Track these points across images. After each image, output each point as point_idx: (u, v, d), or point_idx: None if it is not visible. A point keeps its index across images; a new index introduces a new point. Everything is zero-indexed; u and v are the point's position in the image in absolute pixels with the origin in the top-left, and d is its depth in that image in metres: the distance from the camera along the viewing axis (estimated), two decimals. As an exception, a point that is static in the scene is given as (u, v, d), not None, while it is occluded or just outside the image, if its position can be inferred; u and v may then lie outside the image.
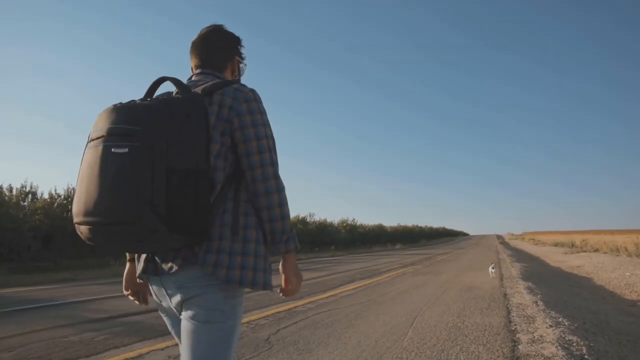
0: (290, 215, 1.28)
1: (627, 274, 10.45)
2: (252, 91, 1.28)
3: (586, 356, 3.17)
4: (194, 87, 1.30)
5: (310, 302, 6.07)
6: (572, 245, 25.52)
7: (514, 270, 11.04)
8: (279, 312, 5.26)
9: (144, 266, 1.25)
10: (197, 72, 1.41)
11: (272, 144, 1.27)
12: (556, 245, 30.42)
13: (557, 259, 17.89)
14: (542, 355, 3.23)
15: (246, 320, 4.72)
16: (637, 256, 15.04)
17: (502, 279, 8.90)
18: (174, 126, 1.10)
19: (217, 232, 1.19)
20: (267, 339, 3.92)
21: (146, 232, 1.06)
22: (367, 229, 37.01)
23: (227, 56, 1.44)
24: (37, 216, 13.04)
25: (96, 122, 1.15)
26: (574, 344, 3.46)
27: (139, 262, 1.29)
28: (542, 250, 26.75)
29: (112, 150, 1.07)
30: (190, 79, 1.40)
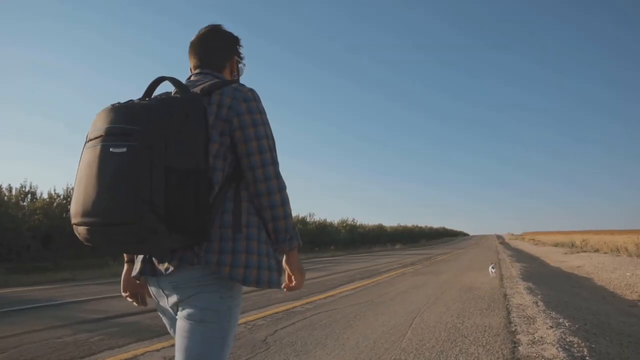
0: (292, 213, 1.28)
1: (627, 274, 10.41)
2: (251, 91, 1.27)
3: (587, 358, 3.13)
4: (192, 87, 1.29)
5: (308, 303, 6.03)
6: (572, 245, 25.49)
7: (514, 270, 11.00)
8: (277, 313, 5.22)
9: (141, 267, 1.25)
10: (195, 72, 1.41)
11: (272, 144, 1.27)
12: (556, 245, 30.39)
13: (557, 259, 17.85)
14: (542, 356, 3.18)
15: (243, 320, 4.68)
16: (637, 256, 15.00)
17: (502, 279, 8.87)
18: (173, 126, 1.09)
19: (217, 232, 1.18)
20: (265, 340, 3.87)
21: (145, 232, 1.05)
22: (367, 229, 36.96)
23: (225, 56, 1.43)
24: (36, 216, 12.99)
25: (94, 121, 1.15)
26: (575, 346, 3.42)
27: (136, 263, 1.28)
28: (542, 250, 26.72)
29: (110, 150, 1.06)
30: (189, 79, 1.39)
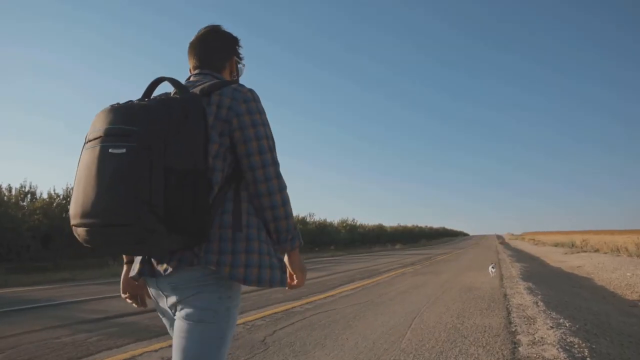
0: (293, 213, 1.28)
1: (627, 274, 10.39)
2: (250, 91, 1.27)
3: (588, 359, 3.11)
4: (192, 88, 1.28)
5: (308, 303, 6.01)
6: (572, 245, 25.47)
7: (514, 270, 10.99)
8: (276, 313, 5.20)
9: (140, 268, 1.24)
10: (195, 72, 1.40)
11: (272, 144, 1.26)
12: (556, 245, 30.37)
13: (557, 259, 17.83)
14: (543, 357, 3.16)
15: (242, 320, 4.66)
16: (637, 256, 14.98)
17: (502, 279, 8.85)
18: (172, 126, 1.09)
19: (216, 233, 1.17)
20: (263, 340, 3.85)
21: (145, 233, 1.04)
22: (367, 229, 36.92)
23: (225, 56, 1.43)
24: (36, 216, 12.97)
25: (93, 122, 1.14)
26: (576, 346, 3.40)
27: (135, 263, 1.28)
28: (542, 250, 26.70)
29: (109, 150, 1.06)
30: (188, 79, 1.39)
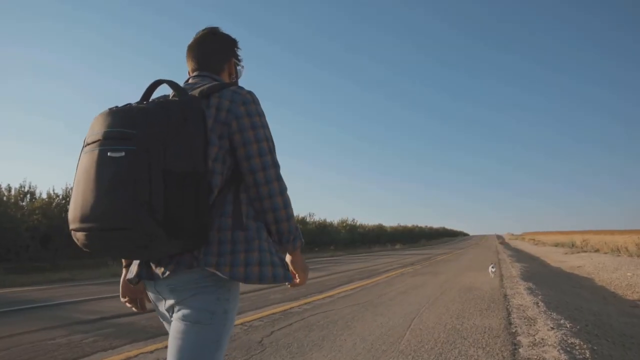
0: (293, 213, 1.27)
1: (628, 274, 10.35)
2: (249, 93, 1.26)
3: (589, 360, 3.07)
4: (191, 90, 1.28)
5: (306, 303, 5.97)
6: (573, 245, 25.44)
7: (514, 270, 10.94)
8: (274, 314, 5.15)
9: (137, 271, 1.23)
10: (194, 74, 1.39)
11: (272, 146, 1.26)
12: (556, 245, 30.34)
13: (557, 259, 17.79)
14: (543, 359, 3.12)
15: (240, 321, 4.62)
16: (638, 256, 14.94)
17: (502, 280, 8.80)
18: (171, 129, 1.08)
19: (215, 235, 1.17)
20: (260, 342, 3.81)
21: (144, 237, 1.03)
22: (367, 229, 36.88)
23: (223, 58, 1.42)
24: (35, 216, 12.90)
25: (92, 125, 1.13)
26: (577, 348, 3.35)
27: (133, 266, 1.28)
28: (542, 250, 26.66)
29: (108, 154, 1.05)
30: (187, 81, 1.38)
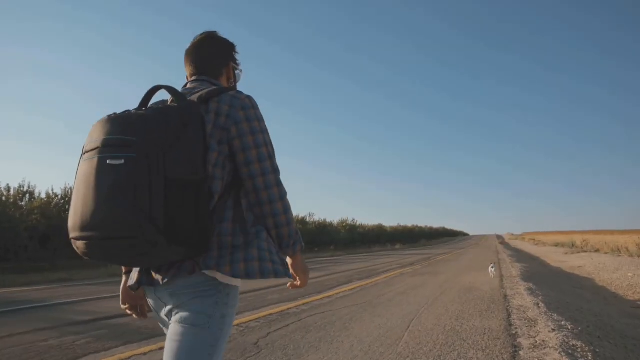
0: (293, 217, 1.27)
1: (629, 274, 10.28)
2: (248, 98, 1.25)
3: (591, 363, 3.00)
4: (189, 95, 1.27)
5: (304, 304, 5.90)
6: (573, 245, 25.37)
7: (514, 270, 10.88)
8: (271, 314, 5.09)
9: (138, 277, 1.22)
10: (192, 79, 1.38)
11: (271, 151, 1.25)
12: (556, 245, 30.27)
13: (557, 259, 17.72)
14: (544, 361, 3.05)
15: (236, 322, 4.55)
16: (638, 257, 14.88)
17: (502, 280, 8.74)
18: (170, 135, 1.07)
19: (216, 241, 1.16)
20: (256, 343, 3.74)
21: (145, 245, 1.02)
22: (366, 229, 36.83)
23: (222, 62, 1.41)
24: (34, 216, 12.83)
25: (90, 133, 1.13)
26: (579, 350, 3.28)
27: (133, 273, 1.27)
28: (543, 250, 26.59)
29: (107, 161, 1.04)
30: (185, 86, 1.37)
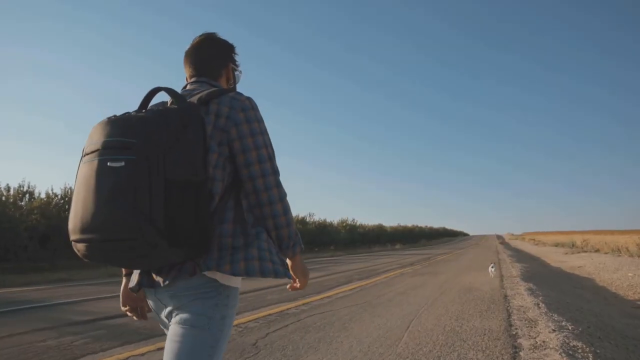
0: (293, 219, 1.27)
1: (629, 274, 10.26)
2: (248, 99, 1.26)
3: (592, 364, 2.98)
4: (189, 97, 1.27)
5: (303, 304, 5.88)
6: (573, 245, 25.35)
7: (514, 270, 10.86)
8: (270, 315, 5.07)
9: (139, 279, 1.22)
10: (191, 81, 1.38)
11: (271, 152, 1.25)
12: (556, 245, 30.25)
13: (557, 259, 17.70)
14: (545, 362, 3.03)
15: (235, 323, 4.52)
16: (638, 257, 14.85)
17: (502, 280, 8.72)
18: (170, 137, 1.07)
19: (216, 242, 1.17)
20: (255, 344, 3.72)
21: (146, 247, 1.02)
22: (366, 229, 36.80)
23: (221, 63, 1.41)
24: (33, 216, 12.80)
25: (90, 135, 1.12)
26: (579, 351, 3.26)
27: (134, 275, 1.27)
28: (543, 250, 26.57)
29: (108, 164, 1.04)
30: (184, 87, 1.37)
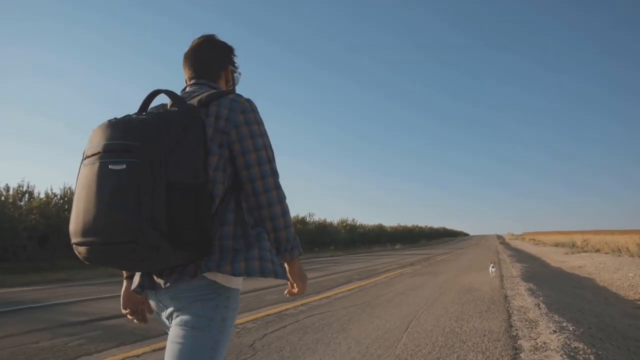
0: (292, 222, 1.27)
1: (630, 274, 10.21)
2: (248, 101, 1.26)
3: (594, 365, 2.93)
4: (188, 99, 1.27)
5: (302, 305, 5.83)
6: (573, 245, 25.31)
7: (514, 270, 10.81)
8: (268, 315, 5.02)
9: (140, 281, 1.22)
10: (191, 83, 1.38)
11: (271, 154, 1.25)
12: (557, 245, 30.21)
13: (557, 259, 17.65)
14: (545, 364, 2.99)
15: (233, 324, 4.47)
16: (639, 257, 14.81)
17: (502, 280, 8.67)
18: (171, 140, 1.07)
19: (217, 244, 1.17)
20: (252, 345, 3.67)
21: (148, 250, 1.02)
22: (366, 229, 36.74)
23: (220, 65, 1.41)
24: (33, 216, 12.74)
25: (91, 138, 1.12)
26: (581, 352, 3.21)
27: (135, 277, 1.27)
28: (543, 250, 26.52)
29: (109, 167, 1.04)
30: (184, 90, 1.37)
